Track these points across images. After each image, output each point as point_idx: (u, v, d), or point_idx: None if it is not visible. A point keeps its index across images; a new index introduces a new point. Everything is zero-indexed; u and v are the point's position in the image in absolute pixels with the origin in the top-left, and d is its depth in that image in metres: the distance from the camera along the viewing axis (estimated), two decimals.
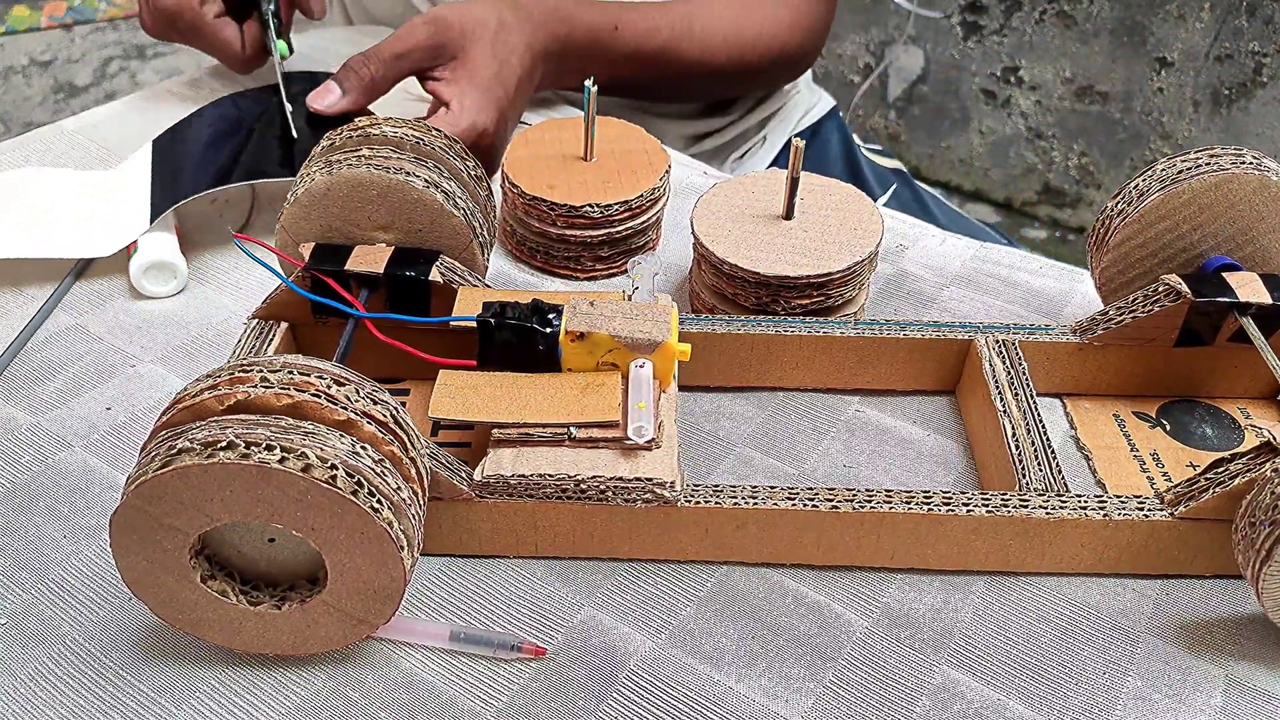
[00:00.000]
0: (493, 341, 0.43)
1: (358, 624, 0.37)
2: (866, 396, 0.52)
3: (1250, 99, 1.62)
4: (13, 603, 0.41)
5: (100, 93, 2.01)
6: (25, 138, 0.71)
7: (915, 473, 0.48)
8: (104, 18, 2.02)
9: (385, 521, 0.34)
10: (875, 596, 0.42)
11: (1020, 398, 0.47)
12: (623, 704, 0.38)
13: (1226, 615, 0.42)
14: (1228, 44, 1.59)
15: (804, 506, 0.41)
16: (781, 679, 0.39)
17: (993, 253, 0.64)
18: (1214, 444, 0.50)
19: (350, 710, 0.38)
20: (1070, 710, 0.39)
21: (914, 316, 0.58)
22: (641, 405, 0.41)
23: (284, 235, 0.49)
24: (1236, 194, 0.49)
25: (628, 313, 0.43)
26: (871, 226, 0.54)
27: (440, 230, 0.49)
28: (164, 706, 0.37)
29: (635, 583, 0.43)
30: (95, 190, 0.62)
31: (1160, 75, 1.67)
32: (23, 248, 0.57)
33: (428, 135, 0.50)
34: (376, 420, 0.36)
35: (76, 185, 0.62)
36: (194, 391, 0.36)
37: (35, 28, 1.98)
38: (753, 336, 0.50)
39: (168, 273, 0.57)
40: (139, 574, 0.36)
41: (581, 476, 0.40)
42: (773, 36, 0.80)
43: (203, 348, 0.54)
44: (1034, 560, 0.43)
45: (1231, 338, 0.49)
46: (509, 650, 0.39)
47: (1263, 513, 0.38)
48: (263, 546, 0.37)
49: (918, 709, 0.38)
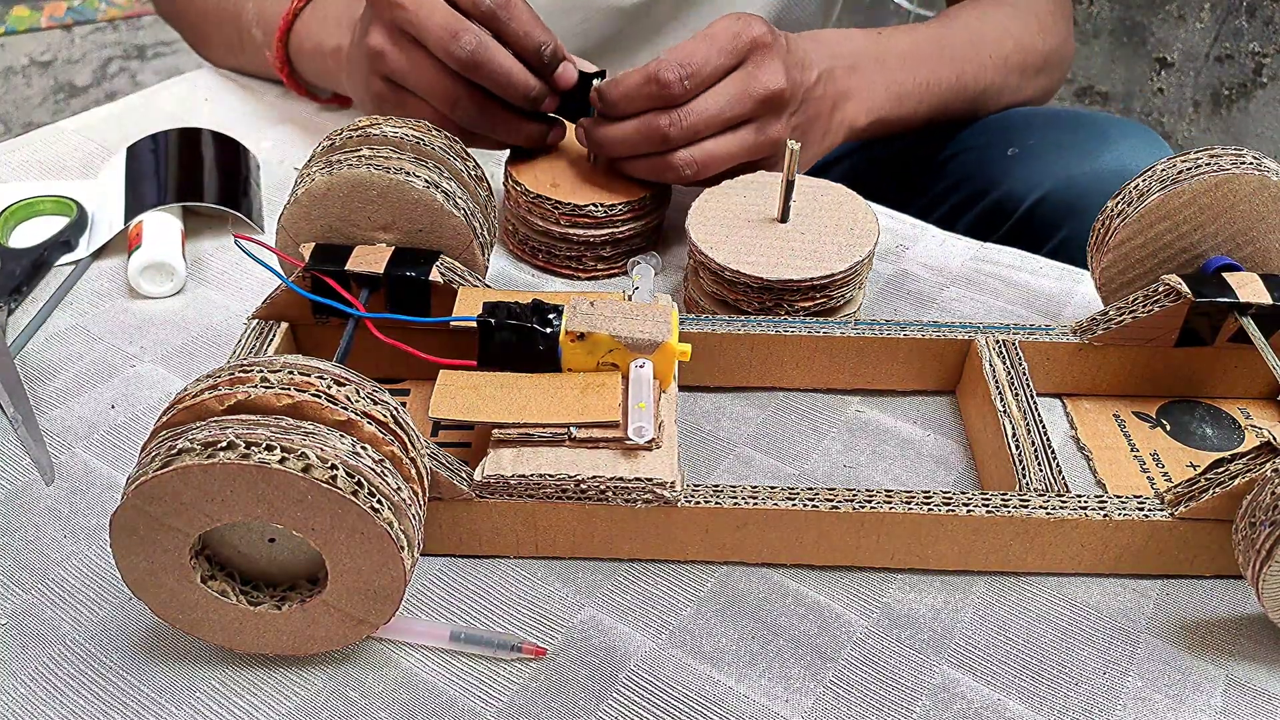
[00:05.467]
0: (493, 341, 0.43)
1: (358, 624, 0.37)
2: (866, 396, 0.52)
3: (1250, 99, 1.62)
4: (13, 603, 0.41)
5: (100, 93, 2.01)
6: (25, 138, 0.71)
7: (915, 473, 0.48)
8: (104, 18, 2.02)
9: (385, 521, 0.34)
10: (875, 597, 0.42)
11: (1020, 398, 0.47)
12: (623, 704, 0.38)
13: (1226, 615, 0.42)
14: (1228, 44, 1.59)
15: (804, 506, 0.41)
16: (781, 679, 0.39)
17: (993, 253, 0.64)
18: (1214, 444, 0.50)
19: (350, 710, 0.38)
20: (1070, 710, 0.39)
21: (914, 316, 0.58)
22: (642, 405, 0.41)
23: (284, 235, 0.49)
24: (1236, 194, 0.49)
25: (628, 313, 0.43)
26: (868, 225, 0.54)
27: (440, 230, 0.49)
28: (164, 706, 0.37)
29: (635, 583, 0.43)
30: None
31: (1160, 75, 1.67)
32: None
33: (428, 135, 0.50)
34: (377, 420, 0.36)
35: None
36: (194, 391, 0.36)
37: (35, 28, 1.98)
38: (753, 337, 0.50)
39: (165, 273, 0.57)
40: (139, 574, 0.36)
41: (581, 476, 0.40)
42: (1040, 65, 0.78)
43: (203, 348, 0.54)
44: (1034, 560, 0.43)
45: (1232, 338, 0.49)
46: (509, 650, 0.39)
47: (1263, 513, 0.38)
48: (263, 546, 0.37)
49: (918, 709, 0.38)
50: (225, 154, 0.65)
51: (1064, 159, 0.71)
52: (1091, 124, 0.74)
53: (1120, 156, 0.70)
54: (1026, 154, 0.73)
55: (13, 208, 0.61)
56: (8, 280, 0.56)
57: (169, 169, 0.62)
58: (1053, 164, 0.71)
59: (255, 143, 0.70)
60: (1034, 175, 0.72)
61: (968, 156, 0.77)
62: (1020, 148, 0.73)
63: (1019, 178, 0.72)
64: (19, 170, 0.67)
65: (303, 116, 0.75)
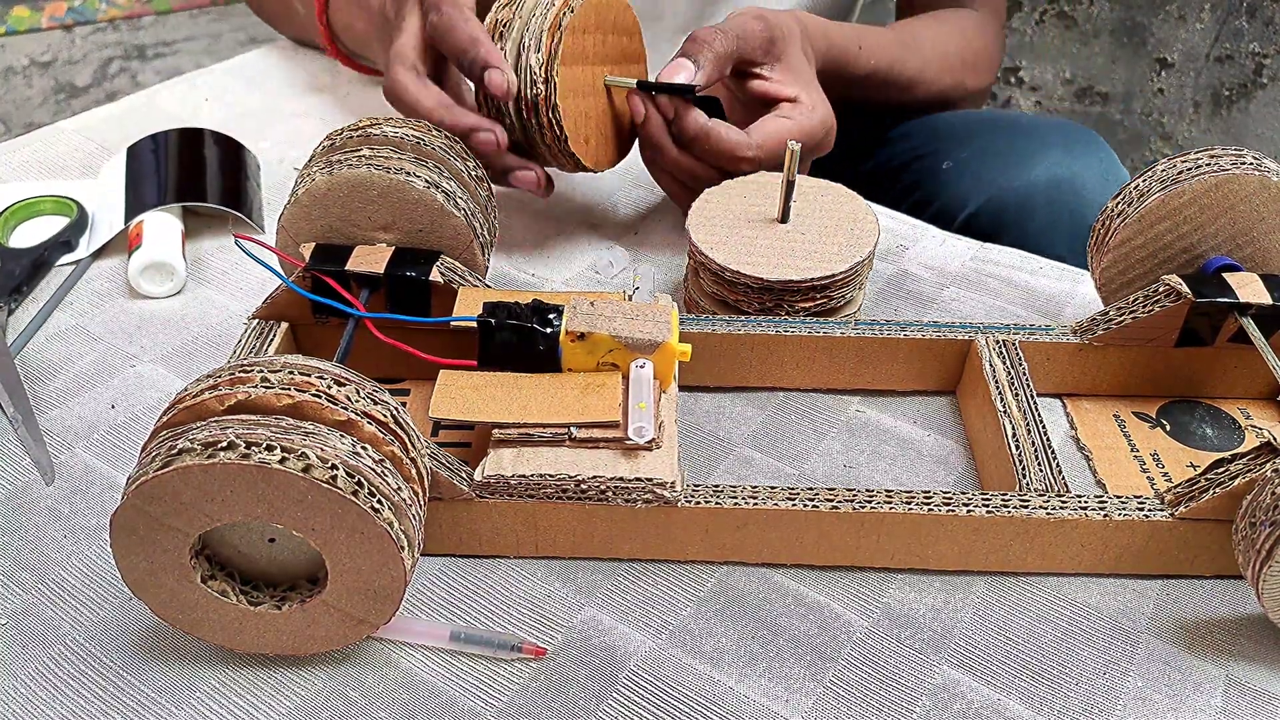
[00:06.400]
0: (493, 341, 0.43)
1: (358, 624, 0.37)
2: (867, 397, 0.52)
3: (1250, 100, 1.62)
4: (13, 603, 0.41)
5: (100, 93, 2.01)
6: (25, 138, 0.71)
7: (915, 473, 0.48)
8: (104, 18, 2.02)
9: (385, 522, 0.34)
10: (875, 597, 0.42)
11: (1020, 398, 0.47)
12: (623, 704, 0.38)
13: (1226, 615, 0.42)
14: (1228, 45, 1.59)
15: (804, 507, 0.41)
16: (782, 679, 0.39)
17: (993, 253, 0.64)
18: (1214, 444, 0.50)
19: (350, 710, 0.38)
20: (1070, 710, 0.39)
21: (914, 316, 0.58)
22: (642, 405, 0.41)
23: (284, 235, 0.49)
24: (1236, 195, 0.49)
25: (628, 313, 0.43)
26: (868, 225, 0.54)
27: (441, 230, 0.49)
28: (164, 706, 0.37)
29: (635, 583, 0.43)
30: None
31: (1160, 76, 1.67)
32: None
33: (428, 135, 0.50)
34: (377, 420, 0.36)
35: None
36: (194, 391, 0.36)
37: (35, 28, 1.98)
38: (753, 337, 0.50)
39: (165, 273, 0.57)
40: (139, 574, 0.36)
41: (582, 476, 0.40)
42: (974, 66, 0.82)
43: (203, 348, 0.54)
44: (1034, 560, 0.43)
45: (1232, 338, 0.49)
46: (509, 650, 0.39)
47: (1263, 513, 0.38)
48: (263, 546, 0.37)
49: (918, 709, 0.38)
50: (225, 154, 0.65)
51: (994, 172, 0.73)
52: (1029, 132, 0.75)
53: (1052, 166, 0.71)
54: (959, 167, 0.75)
55: (13, 208, 0.61)
56: (8, 280, 0.56)
57: (169, 169, 0.62)
58: (983, 178, 0.73)
59: (255, 143, 0.70)
60: (966, 190, 0.73)
61: (918, 165, 0.79)
62: (954, 160, 0.75)
63: (952, 193, 0.74)
64: (19, 170, 0.68)
65: (303, 117, 0.75)
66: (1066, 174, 0.70)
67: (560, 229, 0.65)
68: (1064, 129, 0.75)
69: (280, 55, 0.83)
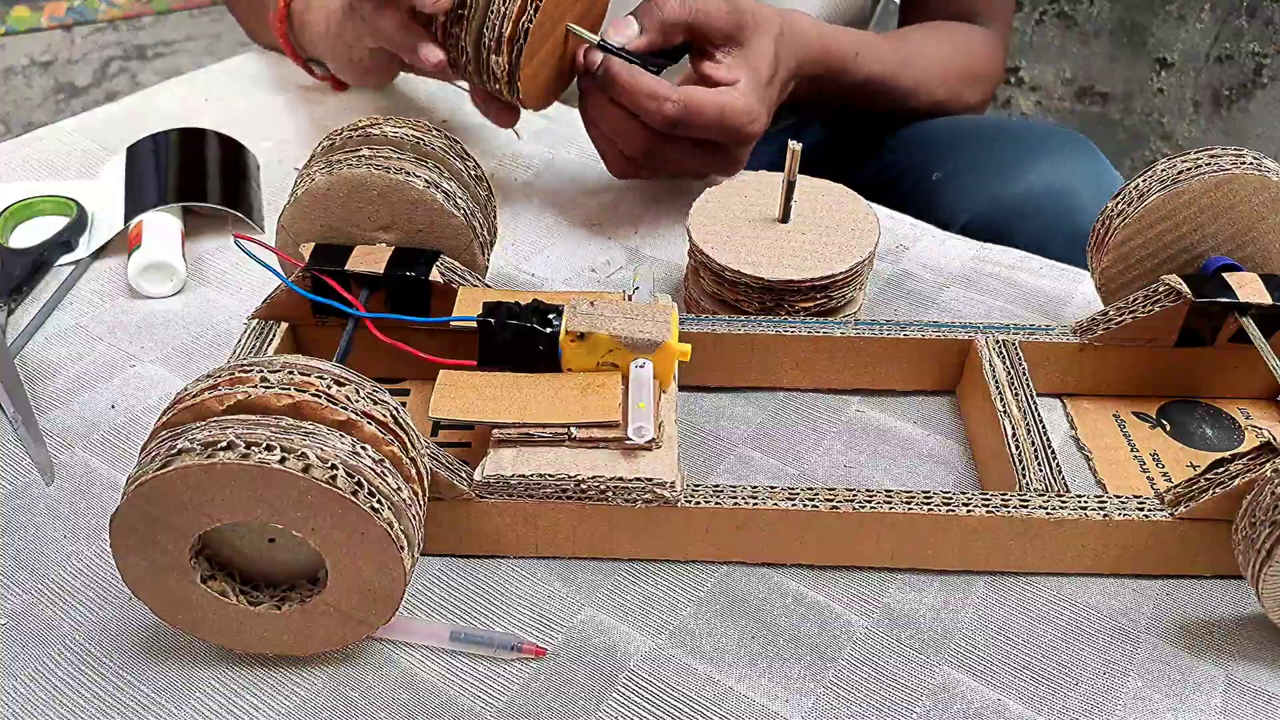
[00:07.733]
0: (493, 341, 0.43)
1: (358, 624, 0.37)
2: (867, 396, 0.52)
3: (1250, 99, 1.62)
4: (13, 603, 0.41)
5: (100, 93, 2.01)
6: (25, 138, 0.71)
7: (915, 473, 0.48)
8: (104, 18, 2.02)
9: (385, 522, 0.34)
10: (875, 597, 0.42)
11: (1020, 398, 0.47)
12: (623, 704, 0.38)
13: (1226, 615, 0.42)
14: (1228, 45, 1.59)
15: (804, 506, 0.41)
16: (782, 679, 0.39)
17: (993, 253, 0.64)
18: (1214, 444, 0.50)
19: (350, 710, 0.38)
20: (1070, 710, 0.39)
21: (914, 316, 0.58)
22: (642, 405, 0.41)
23: (284, 235, 0.49)
24: (1236, 194, 0.49)
25: (628, 313, 0.43)
26: (868, 225, 0.54)
27: (440, 230, 0.49)
28: (164, 706, 0.37)
29: (635, 583, 0.43)
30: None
31: (1160, 76, 1.67)
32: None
33: (428, 135, 0.50)
34: (377, 420, 0.36)
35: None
36: (194, 391, 0.36)
37: (35, 28, 1.98)
38: (753, 337, 0.50)
39: (165, 273, 0.57)
40: (139, 574, 0.36)
41: (582, 476, 0.40)
42: (975, 80, 0.82)
43: (203, 348, 0.54)
44: (1034, 560, 0.43)
45: (1232, 338, 0.49)
46: (509, 650, 0.39)
47: (1263, 513, 0.38)
48: (263, 546, 0.37)
49: (918, 709, 0.38)
50: (225, 154, 0.65)
51: (985, 182, 0.73)
52: (1019, 139, 0.75)
53: (1045, 174, 0.71)
54: (949, 178, 0.74)
55: (13, 208, 0.61)
56: (8, 280, 0.56)
57: (169, 169, 0.62)
58: (974, 190, 0.72)
59: (255, 143, 0.70)
60: (957, 202, 0.73)
61: (909, 179, 0.78)
62: (944, 171, 0.75)
63: (943, 205, 0.73)
64: (19, 170, 0.68)
65: (303, 117, 0.75)
66: (1058, 182, 0.70)
67: (560, 229, 0.65)
68: (1054, 135, 0.74)
69: (280, 55, 0.83)
